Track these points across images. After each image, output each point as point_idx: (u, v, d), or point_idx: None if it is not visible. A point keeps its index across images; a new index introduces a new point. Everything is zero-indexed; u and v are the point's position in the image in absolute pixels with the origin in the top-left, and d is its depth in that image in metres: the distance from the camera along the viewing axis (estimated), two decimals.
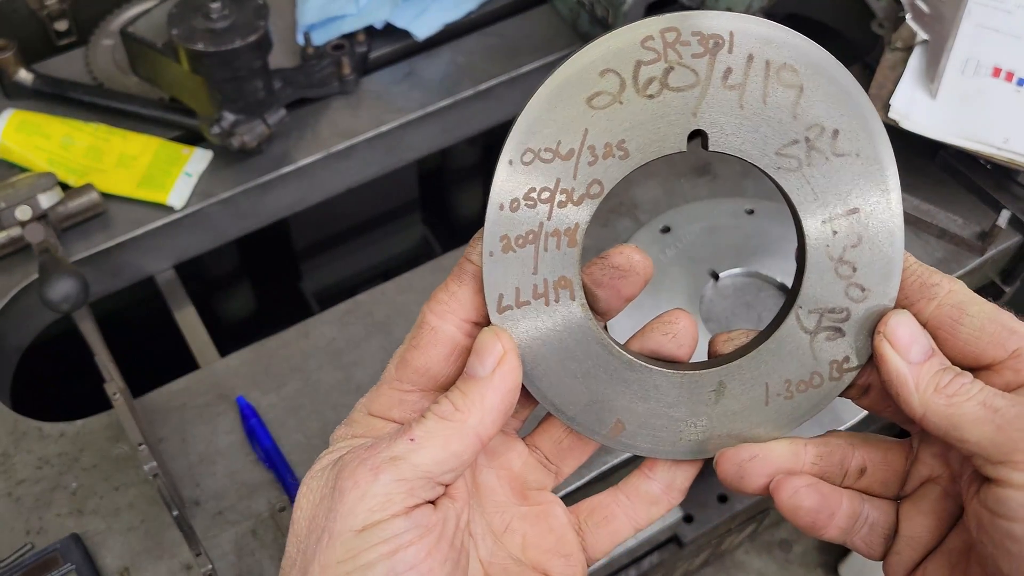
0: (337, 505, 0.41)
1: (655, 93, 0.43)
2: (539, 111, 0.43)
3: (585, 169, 0.44)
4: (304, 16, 1.17)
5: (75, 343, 1.03)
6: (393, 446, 0.42)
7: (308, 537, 0.42)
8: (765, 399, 0.47)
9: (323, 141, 1.13)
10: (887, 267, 0.45)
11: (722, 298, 1.02)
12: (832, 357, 0.47)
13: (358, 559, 0.40)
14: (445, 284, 0.46)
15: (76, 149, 1.07)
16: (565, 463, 0.51)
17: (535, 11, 1.27)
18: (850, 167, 0.44)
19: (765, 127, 0.44)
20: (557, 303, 0.45)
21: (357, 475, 0.42)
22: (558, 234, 0.44)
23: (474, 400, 0.43)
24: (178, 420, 0.93)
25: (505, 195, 0.44)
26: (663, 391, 0.47)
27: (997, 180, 1.07)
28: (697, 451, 0.49)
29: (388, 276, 1.06)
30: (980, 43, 1.01)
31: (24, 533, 0.85)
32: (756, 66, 0.43)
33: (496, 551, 0.48)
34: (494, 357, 0.44)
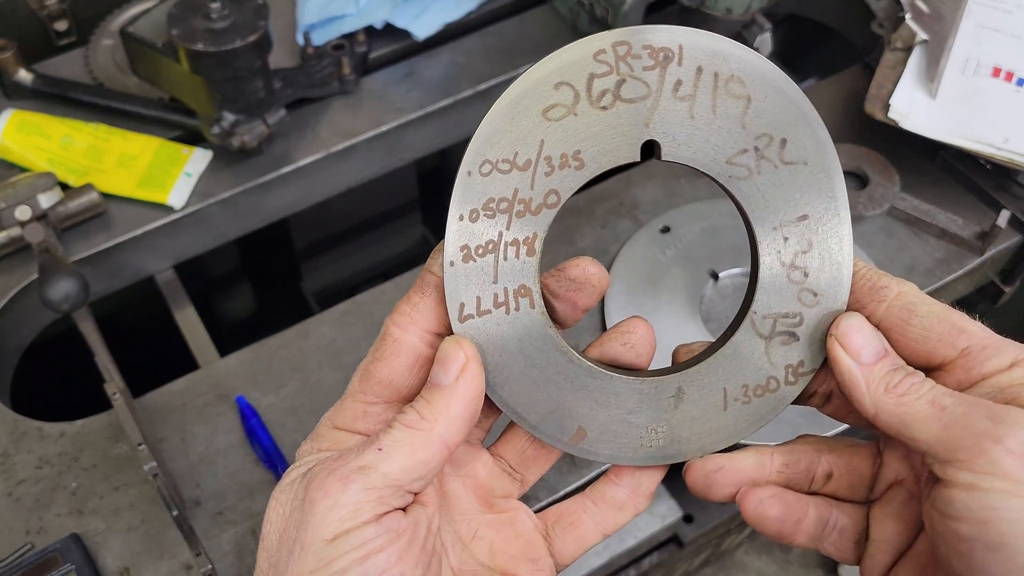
0: (308, 516, 0.42)
1: (608, 105, 0.44)
2: (496, 123, 0.44)
3: (542, 179, 0.45)
4: (304, 16, 1.17)
5: (75, 343, 1.03)
6: (361, 456, 0.43)
7: (279, 550, 0.43)
8: (723, 404, 0.49)
9: (323, 141, 1.13)
10: (837, 272, 0.47)
11: (722, 298, 1.02)
12: (787, 361, 0.48)
13: (331, 567, 0.41)
14: (407, 296, 0.47)
15: (76, 149, 1.07)
16: (530, 471, 0.52)
17: (535, 11, 1.27)
18: (799, 175, 0.46)
19: (715, 137, 0.45)
20: (518, 311, 0.46)
21: (327, 485, 0.42)
22: (517, 244, 0.45)
23: (439, 408, 0.44)
24: (178, 420, 0.93)
25: (464, 206, 0.45)
26: (623, 398, 0.48)
27: (997, 180, 1.07)
28: (659, 457, 0.50)
29: (388, 276, 1.06)
30: (980, 43, 1.01)
31: (24, 533, 0.85)
32: (705, 78, 0.44)
33: (465, 558, 0.49)
34: (457, 365, 0.44)
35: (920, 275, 1.03)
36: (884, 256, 1.04)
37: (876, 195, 1.06)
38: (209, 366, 1.00)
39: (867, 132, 1.10)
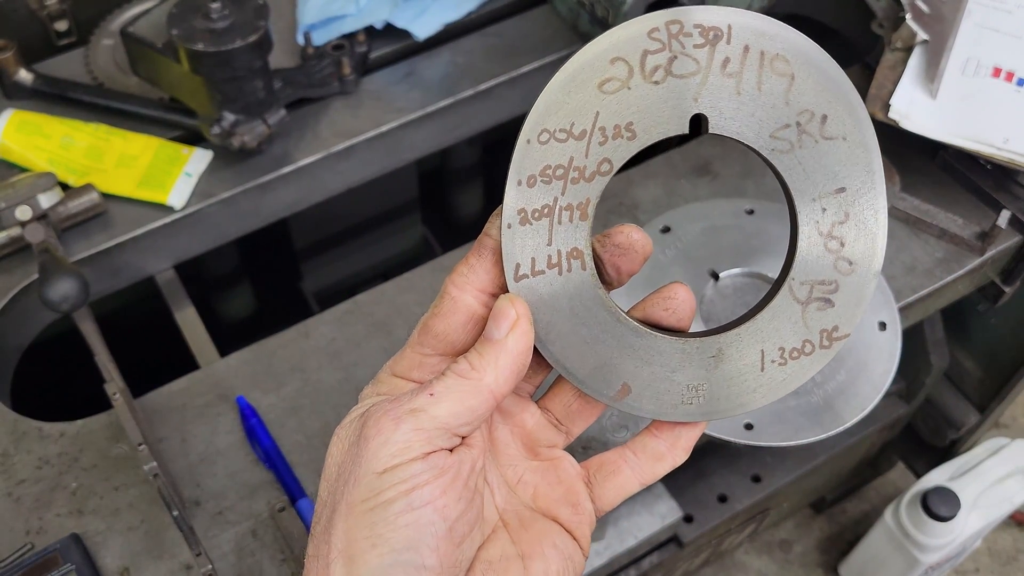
0: (362, 451, 0.45)
1: (660, 80, 0.46)
2: (555, 95, 0.47)
3: (596, 148, 0.47)
4: (304, 16, 1.17)
5: (75, 343, 1.03)
6: (414, 400, 0.46)
7: (337, 480, 0.47)
8: (761, 365, 0.51)
9: (323, 141, 1.13)
10: (872, 242, 0.49)
11: (722, 298, 1.02)
12: (822, 326, 0.50)
13: (379, 497, 0.44)
14: (466, 258, 0.50)
15: (76, 149, 1.07)
16: (575, 424, 0.55)
17: (535, 11, 1.27)
18: (837, 149, 0.48)
19: (760, 112, 0.47)
20: (570, 272, 0.49)
21: (381, 424, 0.45)
22: (571, 208, 0.48)
23: (489, 360, 0.47)
24: (178, 420, 0.93)
25: (523, 172, 0.47)
26: (666, 356, 0.51)
27: (997, 180, 1.07)
28: (698, 413, 0.52)
29: (388, 276, 1.06)
30: (980, 43, 1.01)
31: (24, 533, 0.85)
32: (752, 56, 0.46)
33: (510, 499, 0.52)
34: (508, 321, 0.47)
35: (920, 275, 1.03)
36: (884, 256, 1.04)
37: None
38: (209, 366, 0.99)
39: None
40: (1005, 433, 1.89)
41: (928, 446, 1.60)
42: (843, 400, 0.95)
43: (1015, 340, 1.32)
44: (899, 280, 1.03)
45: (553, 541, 0.51)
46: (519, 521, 0.52)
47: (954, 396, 1.49)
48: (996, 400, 1.42)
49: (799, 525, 1.82)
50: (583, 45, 0.46)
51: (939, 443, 1.55)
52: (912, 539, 1.49)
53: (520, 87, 1.21)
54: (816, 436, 0.93)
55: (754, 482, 1.36)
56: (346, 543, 0.45)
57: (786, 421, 0.93)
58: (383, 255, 1.61)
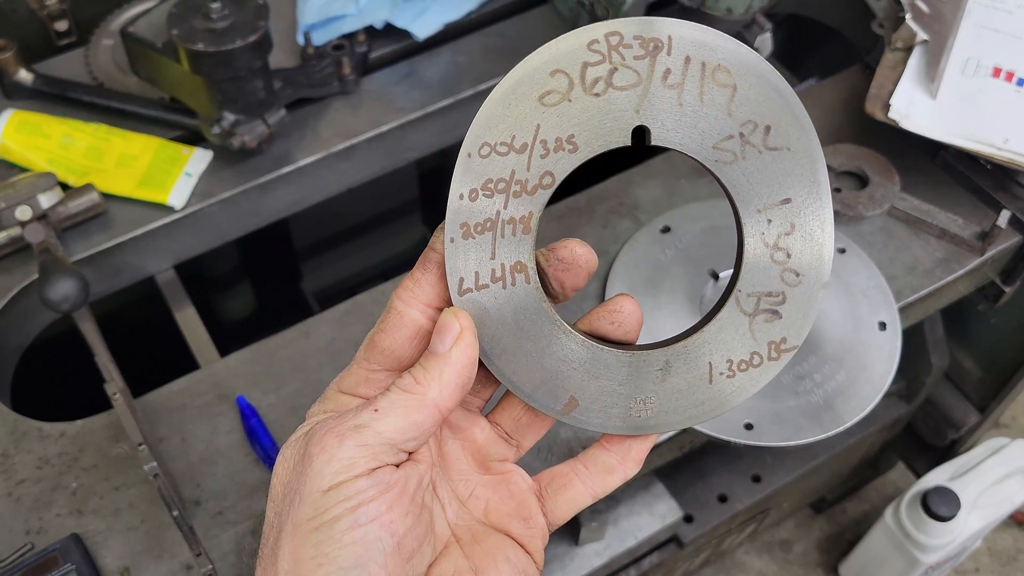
0: (306, 469, 0.45)
1: (601, 92, 0.47)
2: (495, 108, 0.47)
3: (538, 162, 0.47)
4: (304, 16, 1.17)
5: (75, 343, 1.03)
6: (359, 416, 0.46)
7: (283, 500, 0.46)
8: (709, 377, 0.51)
9: (323, 141, 1.13)
10: (819, 252, 0.49)
11: None
12: (770, 338, 0.50)
13: (324, 515, 0.44)
14: (411, 272, 0.50)
15: (76, 149, 1.07)
16: (525, 438, 0.55)
17: (535, 11, 1.27)
18: (782, 160, 0.48)
19: (702, 123, 0.47)
20: (514, 286, 0.49)
21: (325, 442, 0.45)
22: (514, 222, 0.48)
23: (434, 375, 0.47)
24: (178, 420, 0.93)
25: (464, 186, 0.47)
26: (613, 370, 0.51)
27: (997, 180, 1.07)
28: (647, 427, 0.52)
29: (388, 276, 1.06)
30: (980, 43, 1.01)
31: (24, 533, 0.85)
32: (693, 67, 0.46)
33: (462, 514, 0.52)
34: (452, 335, 0.47)
35: (920, 275, 1.03)
36: (884, 256, 1.04)
37: (876, 195, 1.06)
38: (209, 366, 0.99)
39: (867, 132, 1.09)
40: (1005, 433, 1.89)
41: (928, 446, 1.60)
42: (843, 400, 0.95)
43: (1015, 340, 1.32)
44: (899, 280, 1.03)
45: (506, 555, 0.51)
46: (471, 536, 0.52)
47: (954, 396, 1.48)
48: (996, 400, 1.42)
49: (799, 525, 1.82)
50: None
51: (939, 443, 1.55)
52: (912, 539, 1.49)
53: None
54: (816, 436, 0.93)
55: (754, 482, 1.36)
56: (292, 564, 0.44)
57: (786, 421, 0.93)
58: (383, 255, 1.61)
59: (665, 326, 0.98)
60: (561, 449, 0.91)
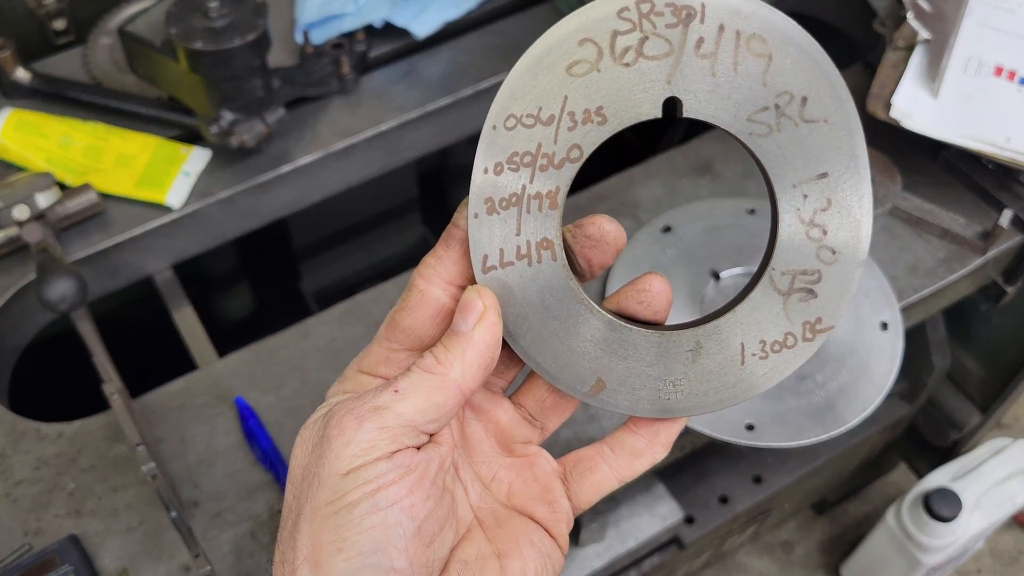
0: (325, 452, 0.44)
1: (631, 62, 0.45)
2: (521, 79, 0.45)
3: (565, 134, 0.46)
4: (303, 15, 1.17)
5: (73, 343, 1.02)
6: (378, 397, 0.45)
7: (302, 483, 0.45)
8: (741, 359, 0.49)
9: (322, 140, 1.13)
10: (856, 229, 0.47)
11: (723, 298, 1.01)
12: (805, 318, 0.48)
13: (343, 499, 0.43)
14: (434, 249, 0.49)
15: (74, 148, 1.07)
16: (549, 420, 0.54)
17: (535, 9, 1.27)
18: (819, 133, 0.46)
19: (736, 94, 0.45)
20: (539, 264, 0.47)
21: (344, 424, 0.44)
22: (540, 197, 0.46)
23: (455, 354, 0.46)
24: (176, 421, 0.92)
25: (489, 159, 0.46)
26: (642, 350, 0.49)
27: (999, 180, 1.06)
28: (676, 409, 0.50)
29: (387, 276, 1.06)
30: (982, 42, 1.01)
31: (22, 534, 0.84)
32: (727, 36, 0.45)
33: (484, 497, 0.51)
34: (475, 314, 0.46)
35: (922, 275, 1.03)
36: (886, 256, 1.04)
37: (878, 195, 1.05)
38: (208, 366, 0.99)
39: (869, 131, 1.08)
40: (1007, 433, 1.89)
41: (930, 447, 1.59)
42: (845, 401, 0.94)
43: (1017, 340, 1.32)
44: (901, 280, 1.02)
45: (530, 539, 0.50)
46: (494, 519, 0.51)
47: (956, 396, 1.48)
48: (998, 400, 1.42)
49: (801, 526, 1.82)
50: None
51: (941, 443, 1.55)
52: (914, 540, 1.48)
53: None
54: (818, 437, 0.92)
55: (755, 483, 1.36)
56: (312, 548, 0.44)
57: (788, 422, 0.93)
58: (383, 255, 1.61)
59: None
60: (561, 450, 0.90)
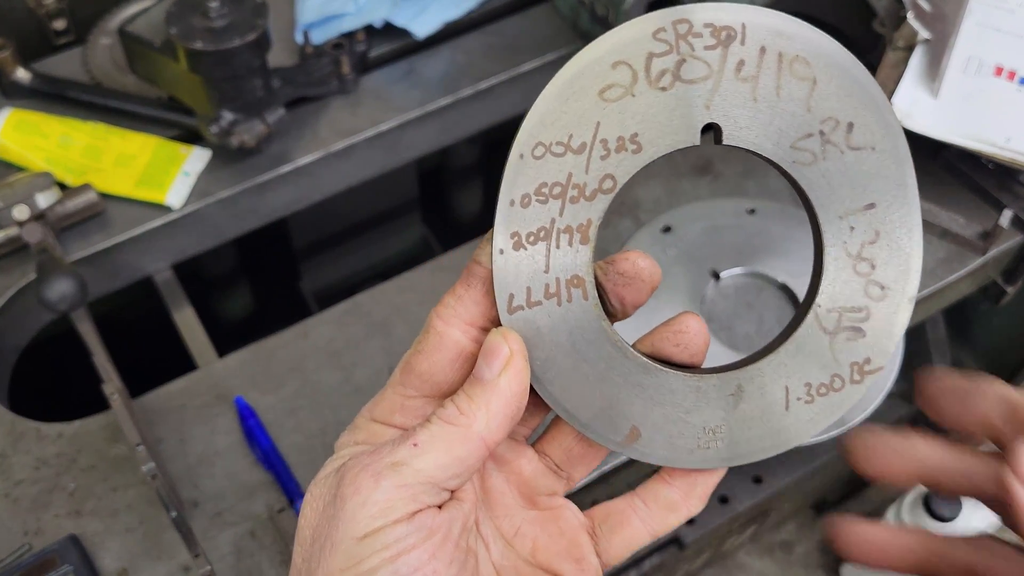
0: (339, 512, 0.41)
1: (667, 85, 0.42)
2: (550, 103, 0.42)
3: (597, 163, 0.43)
4: (303, 15, 1.17)
5: (73, 343, 1.02)
6: (396, 451, 0.42)
7: (312, 546, 0.42)
8: (785, 403, 0.46)
9: (322, 140, 1.13)
10: (906, 263, 0.45)
11: (723, 298, 1.01)
12: (853, 359, 0.45)
13: (360, 566, 0.40)
14: (453, 288, 0.45)
15: (74, 148, 1.07)
16: (576, 469, 0.50)
17: (535, 9, 1.27)
18: (866, 161, 0.43)
19: (779, 120, 0.43)
20: (570, 303, 0.44)
21: (359, 482, 0.41)
22: (570, 231, 0.43)
23: (480, 404, 0.42)
24: (176, 421, 0.92)
25: (516, 190, 0.43)
26: (679, 395, 0.46)
27: (999, 180, 1.06)
28: (716, 459, 0.47)
29: (388, 276, 1.06)
30: (982, 42, 1.01)
31: (22, 534, 0.84)
32: (769, 58, 0.42)
33: (507, 554, 0.47)
34: (501, 360, 0.42)
35: (922, 275, 1.03)
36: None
37: None
38: (208, 366, 0.99)
39: None
40: None
41: None
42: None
43: (1017, 340, 1.32)
44: None
45: None
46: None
47: None
48: None
49: (801, 526, 1.82)
50: (584, 44, 0.42)
51: None
52: None
53: (521, 86, 1.20)
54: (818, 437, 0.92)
55: (755, 483, 1.36)
56: None
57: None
58: (383, 255, 1.61)
59: None
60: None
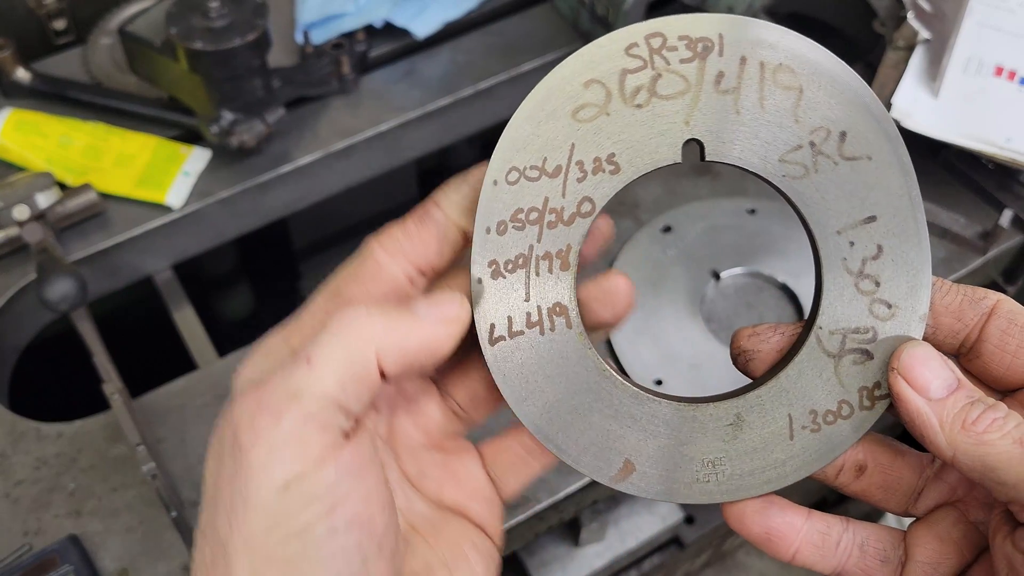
0: (243, 466, 0.36)
1: (643, 103, 0.41)
2: (522, 127, 0.41)
3: (574, 186, 0.42)
4: (303, 15, 1.17)
5: (73, 343, 1.02)
6: (290, 377, 0.37)
7: (216, 507, 0.37)
8: (789, 433, 0.44)
9: (322, 140, 1.13)
10: (914, 279, 0.42)
11: (723, 298, 1.01)
12: (861, 383, 0.43)
13: (289, 523, 0.36)
14: (403, 222, 0.43)
15: (74, 148, 1.07)
16: (478, 412, 0.48)
17: (535, 9, 1.27)
18: (862, 171, 0.41)
19: (765, 132, 0.41)
20: (553, 332, 0.43)
21: (257, 425, 0.36)
22: (549, 257, 0.42)
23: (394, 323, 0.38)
24: (177, 421, 0.92)
25: (491, 217, 0.42)
26: (674, 426, 0.44)
27: (999, 180, 1.06)
28: (717, 493, 0.45)
29: None
30: (982, 42, 1.01)
31: (22, 534, 0.84)
32: (750, 69, 0.40)
33: (413, 498, 0.46)
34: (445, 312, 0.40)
35: None
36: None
37: None
38: (208, 366, 0.99)
39: None
40: None
41: None
42: None
43: None
44: None
45: (472, 541, 0.45)
46: (430, 524, 0.45)
47: None
48: None
49: None
50: (584, 44, 0.41)
51: None
52: None
53: (521, 86, 1.20)
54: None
55: None
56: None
57: None
58: None
59: (666, 327, 0.97)
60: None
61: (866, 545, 0.44)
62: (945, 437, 0.39)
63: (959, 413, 0.39)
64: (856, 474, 0.45)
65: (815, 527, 0.44)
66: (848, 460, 0.44)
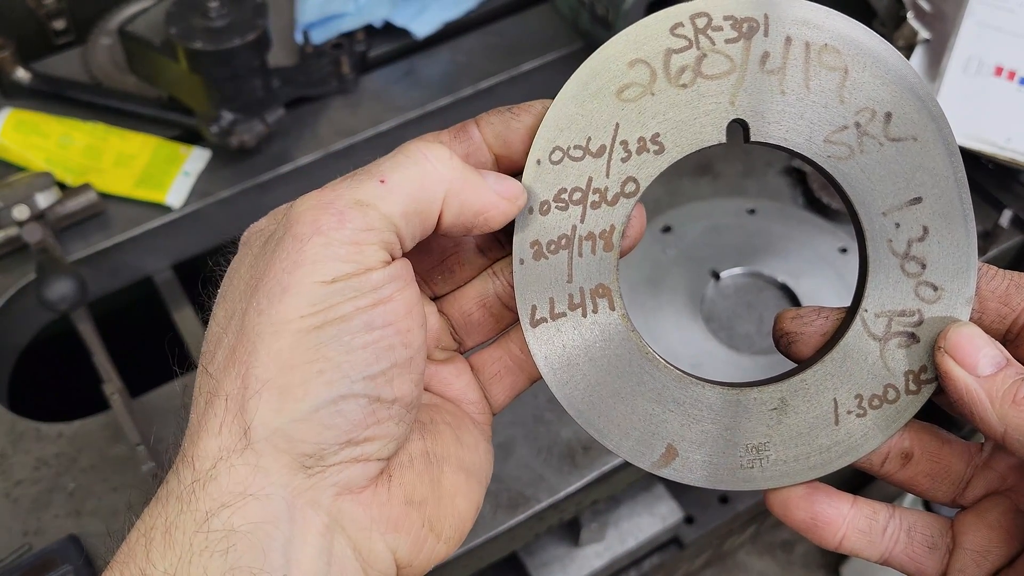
0: (293, 254, 0.36)
1: (688, 82, 0.41)
2: (566, 107, 0.41)
3: (618, 166, 0.41)
4: (303, 15, 1.17)
5: (73, 343, 1.02)
6: (360, 187, 0.37)
7: (248, 296, 0.37)
8: (835, 417, 0.43)
9: (322, 140, 1.13)
10: (960, 261, 0.41)
11: (723, 298, 1.01)
12: (907, 367, 0.42)
13: (329, 312, 0.36)
14: (440, 134, 0.43)
15: (74, 148, 1.07)
16: (470, 337, 0.47)
17: (535, 9, 1.27)
18: (908, 152, 0.41)
19: (810, 113, 0.41)
20: (595, 314, 0.42)
21: (320, 221, 0.36)
22: (592, 238, 0.42)
23: (461, 168, 0.39)
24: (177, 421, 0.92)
25: (534, 197, 0.41)
26: (718, 411, 0.43)
27: (999, 179, 1.06)
28: (762, 479, 0.44)
29: None
30: (982, 42, 1.01)
31: (22, 534, 0.84)
32: (795, 49, 0.40)
33: None
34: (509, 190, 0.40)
35: None
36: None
37: None
38: None
39: None
40: None
41: None
42: None
43: None
44: None
45: (470, 426, 0.45)
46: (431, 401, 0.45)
47: None
48: None
49: None
50: (584, 44, 0.42)
51: None
52: None
53: (520, 86, 1.20)
54: None
55: None
56: (278, 370, 0.36)
57: None
58: None
59: (666, 327, 0.97)
60: (561, 448, 0.90)
61: (913, 531, 0.44)
62: (996, 413, 0.38)
63: (1009, 389, 0.38)
64: (902, 462, 0.44)
65: (862, 513, 0.44)
66: (894, 447, 0.44)
